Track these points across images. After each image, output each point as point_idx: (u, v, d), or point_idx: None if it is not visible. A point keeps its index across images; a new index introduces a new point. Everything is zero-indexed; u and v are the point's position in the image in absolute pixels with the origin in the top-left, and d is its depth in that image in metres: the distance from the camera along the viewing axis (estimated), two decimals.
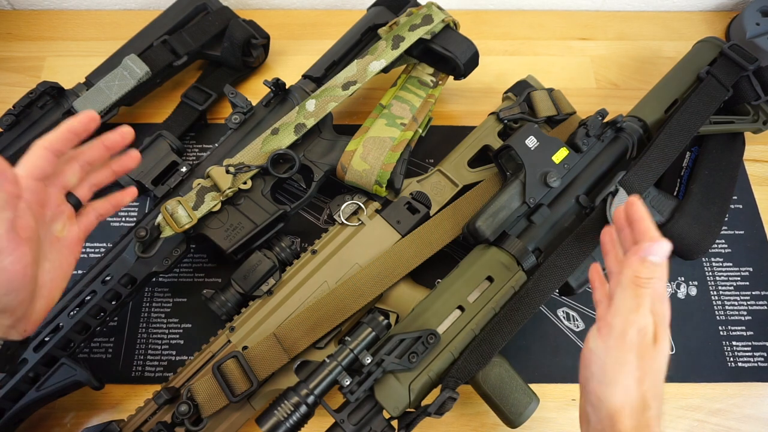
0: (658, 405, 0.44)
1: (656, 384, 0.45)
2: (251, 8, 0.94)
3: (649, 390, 0.44)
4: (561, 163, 0.64)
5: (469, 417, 0.65)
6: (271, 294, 0.64)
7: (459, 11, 0.91)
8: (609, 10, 0.95)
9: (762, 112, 0.74)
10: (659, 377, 0.45)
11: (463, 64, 0.71)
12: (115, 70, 0.73)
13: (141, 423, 0.58)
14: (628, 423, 0.43)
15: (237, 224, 0.65)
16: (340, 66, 0.75)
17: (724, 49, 0.72)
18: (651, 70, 0.86)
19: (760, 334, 0.70)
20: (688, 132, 0.67)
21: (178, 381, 0.61)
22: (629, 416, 0.43)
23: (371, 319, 0.57)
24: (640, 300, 0.45)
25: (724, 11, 0.94)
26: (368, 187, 0.68)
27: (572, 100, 0.75)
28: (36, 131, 0.71)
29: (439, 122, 0.81)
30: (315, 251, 0.66)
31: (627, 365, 0.44)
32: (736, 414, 0.65)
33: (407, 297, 0.64)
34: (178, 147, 0.72)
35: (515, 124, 0.74)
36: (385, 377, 0.56)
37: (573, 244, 0.62)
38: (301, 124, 0.68)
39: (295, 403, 0.54)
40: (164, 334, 0.69)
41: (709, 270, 0.73)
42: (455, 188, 0.71)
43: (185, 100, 0.80)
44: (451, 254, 0.71)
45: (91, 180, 0.54)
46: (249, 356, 0.59)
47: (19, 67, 0.87)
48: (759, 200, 0.77)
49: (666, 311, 0.47)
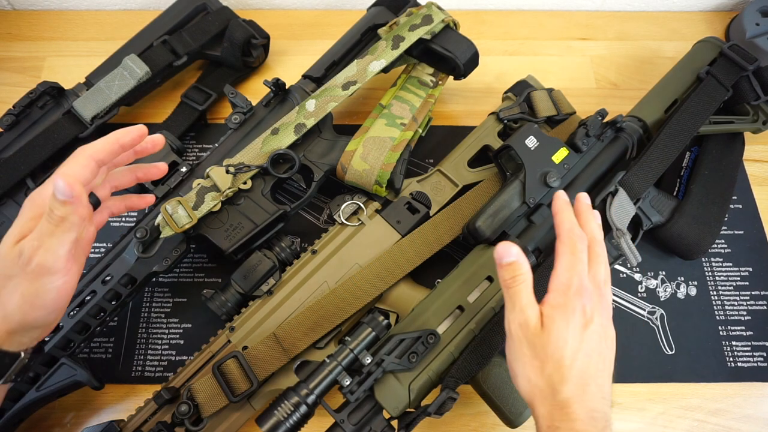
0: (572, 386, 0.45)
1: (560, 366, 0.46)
2: (251, 8, 0.94)
3: (555, 374, 0.46)
4: (561, 163, 0.64)
5: (469, 417, 0.65)
6: (271, 294, 0.64)
7: (459, 11, 0.91)
8: (609, 10, 0.95)
9: (762, 112, 0.74)
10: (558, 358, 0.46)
11: (463, 64, 0.71)
12: (115, 70, 0.73)
13: (141, 423, 0.58)
14: (541, 409, 0.46)
15: (237, 224, 0.65)
16: (340, 66, 0.75)
17: (724, 50, 0.72)
18: (651, 70, 0.86)
19: (760, 334, 0.70)
20: (688, 132, 0.67)
21: (178, 381, 0.61)
22: (540, 403, 0.46)
23: (371, 319, 0.57)
24: (512, 299, 0.48)
25: (724, 11, 0.94)
26: (368, 187, 0.68)
27: (572, 100, 0.75)
28: (36, 131, 0.71)
29: (439, 122, 0.81)
30: (315, 251, 0.66)
31: (522, 358, 0.47)
32: (736, 414, 0.65)
33: (407, 297, 0.64)
34: (178, 147, 0.72)
35: (515, 124, 0.74)
36: (385, 377, 0.56)
37: None
38: (301, 124, 0.68)
39: (295, 403, 0.54)
40: (164, 334, 0.69)
41: (709, 270, 0.73)
42: (455, 188, 0.71)
43: (185, 100, 0.80)
44: (451, 254, 0.71)
45: (113, 181, 0.54)
46: (249, 356, 0.59)
47: (19, 67, 0.87)
48: (759, 200, 0.77)
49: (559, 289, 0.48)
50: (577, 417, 0.44)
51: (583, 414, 0.45)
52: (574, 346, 0.46)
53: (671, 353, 0.68)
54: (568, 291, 0.47)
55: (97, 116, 0.72)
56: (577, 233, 0.49)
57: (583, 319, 0.47)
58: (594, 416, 0.45)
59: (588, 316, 0.47)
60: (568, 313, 0.47)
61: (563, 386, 0.45)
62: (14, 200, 0.69)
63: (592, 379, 0.46)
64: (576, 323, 0.47)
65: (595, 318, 0.47)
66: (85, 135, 0.72)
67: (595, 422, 0.45)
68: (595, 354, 0.47)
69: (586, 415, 0.45)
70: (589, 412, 0.45)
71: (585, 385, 0.46)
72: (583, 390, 0.46)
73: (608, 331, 0.49)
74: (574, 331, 0.47)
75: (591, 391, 0.46)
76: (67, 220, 0.44)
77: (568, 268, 0.48)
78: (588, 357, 0.47)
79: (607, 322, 0.49)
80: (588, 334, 0.47)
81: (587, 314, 0.47)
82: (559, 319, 0.47)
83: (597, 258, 0.50)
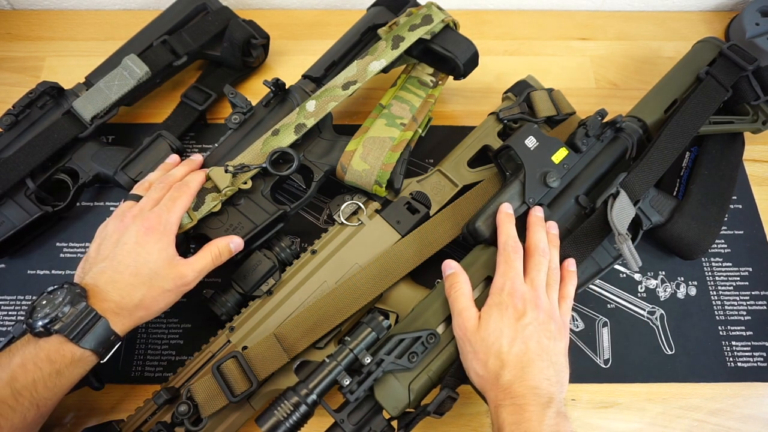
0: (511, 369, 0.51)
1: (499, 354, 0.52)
2: (251, 8, 0.94)
3: (495, 362, 0.52)
4: (560, 163, 0.64)
5: (469, 417, 0.65)
6: (271, 294, 0.64)
7: (459, 11, 0.91)
8: (609, 10, 0.95)
9: (761, 112, 0.74)
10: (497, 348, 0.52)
11: (462, 64, 0.71)
12: (114, 70, 0.73)
13: (141, 423, 0.58)
14: (490, 394, 0.52)
15: (237, 224, 0.65)
16: (340, 66, 0.75)
17: (724, 50, 0.72)
18: (651, 70, 0.86)
19: (760, 334, 0.70)
20: (688, 132, 0.67)
21: (178, 381, 0.61)
22: (489, 389, 0.53)
23: (371, 319, 0.57)
24: (453, 305, 0.57)
25: (724, 11, 0.94)
26: (368, 187, 0.68)
27: (572, 100, 0.75)
28: (36, 131, 0.71)
29: (439, 122, 0.81)
30: (315, 251, 0.66)
31: (467, 355, 0.54)
32: (735, 414, 0.65)
33: (407, 297, 0.64)
34: (178, 147, 0.72)
35: (515, 124, 0.74)
36: (384, 377, 0.56)
37: (572, 245, 0.62)
38: (301, 124, 0.68)
39: (295, 403, 0.54)
40: (164, 334, 0.69)
41: (709, 270, 0.73)
42: (455, 188, 0.71)
43: (185, 100, 0.80)
44: (451, 254, 0.70)
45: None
46: (249, 356, 0.59)
47: (19, 67, 0.87)
48: (759, 200, 0.77)
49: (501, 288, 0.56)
50: (518, 394, 0.50)
51: (524, 391, 0.50)
52: (509, 335, 0.53)
53: (671, 353, 0.68)
54: (501, 292, 0.55)
55: (96, 116, 0.72)
56: (511, 245, 0.58)
57: (515, 313, 0.54)
58: (536, 393, 0.50)
59: (520, 311, 0.54)
60: (501, 309, 0.54)
61: (503, 371, 0.52)
62: (14, 200, 0.69)
63: (531, 362, 0.52)
64: (509, 316, 0.53)
65: (528, 312, 0.54)
66: (85, 135, 0.71)
67: (538, 397, 0.50)
68: (533, 341, 0.53)
69: (527, 392, 0.50)
70: (530, 390, 0.50)
71: (524, 367, 0.51)
72: (523, 371, 0.51)
73: (547, 324, 0.54)
74: (508, 323, 0.53)
75: (531, 372, 0.51)
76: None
77: (502, 274, 0.56)
78: (524, 344, 0.52)
79: (543, 317, 0.54)
80: (522, 324, 0.53)
81: (519, 309, 0.54)
82: (493, 314, 0.54)
83: (536, 266, 0.57)
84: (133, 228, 0.57)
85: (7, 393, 0.49)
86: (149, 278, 0.55)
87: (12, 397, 0.49)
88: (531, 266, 0.57)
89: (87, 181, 0.72)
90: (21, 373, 0.50)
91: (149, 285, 0.55)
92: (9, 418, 0.49)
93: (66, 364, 0.51)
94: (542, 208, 0.62)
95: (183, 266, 0.57)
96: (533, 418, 0.49)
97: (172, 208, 0.59)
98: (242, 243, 0.62)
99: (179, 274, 0.57)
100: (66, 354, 0.51)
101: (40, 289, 0.70)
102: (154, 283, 0.55)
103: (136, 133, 0.81)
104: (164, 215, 0.58)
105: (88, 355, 0.53)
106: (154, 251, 0.56)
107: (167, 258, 0.56)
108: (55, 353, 0.51)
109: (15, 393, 0.49)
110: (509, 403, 0.50)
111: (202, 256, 0.59)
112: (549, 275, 0.58)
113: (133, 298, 0.54)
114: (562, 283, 0.59)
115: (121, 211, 0.60)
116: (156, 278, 0.55)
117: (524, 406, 0.50)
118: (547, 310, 0.55)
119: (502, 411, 0.50)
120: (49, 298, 0.53)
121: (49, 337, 0.51)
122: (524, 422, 0.49)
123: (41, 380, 0.50)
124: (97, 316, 0.52)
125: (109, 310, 0.53)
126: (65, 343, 0.51)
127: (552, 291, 0.57)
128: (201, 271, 0.59)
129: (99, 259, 0.57)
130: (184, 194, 0.61)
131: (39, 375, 0.50)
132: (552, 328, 0.54)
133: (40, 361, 0.50)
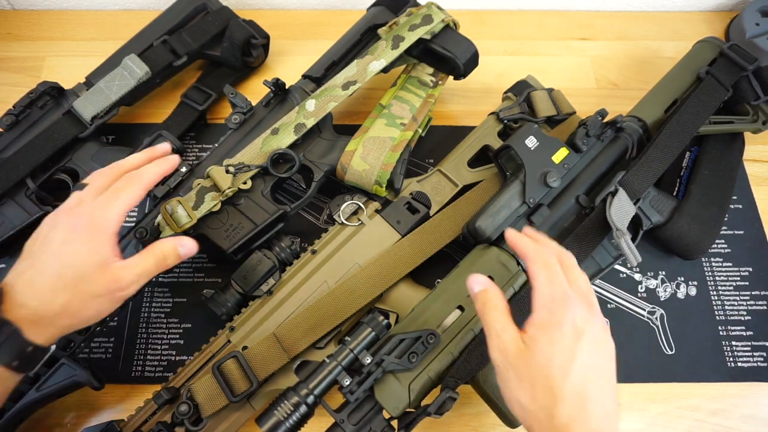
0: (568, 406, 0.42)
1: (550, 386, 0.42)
2: (251, 8, 0.94)
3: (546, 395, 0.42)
4: (561, 163, 0.64)
5: (469, 417, 0.65)
6: (271, 294, 0.64)
7: (459, 11, 0.91)
8: (609, 10, 0.95)
9: (761, 112, 0.74)
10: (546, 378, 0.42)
11: (462, 64, 0.71)
12: (115, 70, 0.73)
13: (141, 423, 0.58)
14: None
15: (237, 224, 0.65)
16: (340, 66, 0.75)
17: (724, 49, 0.72)
18: (651, 70, 0.86)
19: (760, 334, 0.70)
20: (688, 132, 0.67)
21: (178, 381, 0.61)
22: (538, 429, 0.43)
23: (371, 319, 0.57)
24: (488, 326, 0.47)
25: (724, 11, 0.94)
26: (368, 187, 0.68)
27: (572, 100, 0.75)
28: (36, 131, 0.71)
29: (439, 122, 0.81)
30: (315, 251, 0.66)
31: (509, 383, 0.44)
32: (736, 414, 0.65)
33: (407, 297, 0.64)
34: (178, 147, 0.71)
35: (515, 124, 0.74)
36: (384, 377, 0.56)
37: (573, 245, 0.62)
38: (301, 124, 0.68)
39: (295, 403, 0.54)
40: (164, 334, 0.69)
41: (709, 270, 0.73)
42: (455, 188, 0.71)
43: (185, 100, 0.80)
44: (451, 254, 0.71)
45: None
46: (249, 356, 0.59)
47: (19, 67, 0.87)
48: (759, 200, 0.77)
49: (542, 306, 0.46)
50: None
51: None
52: (563, 362, 0.43)
53: (671, 353, 0.68)
54: (552, 304, 0.45)
55: (96, 116, 0.72)
56: (543, 249, 0.48)
57: (573, 332, 0.43)
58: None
59: (579, 329, 0.44)
60: (554, 328, 0.44)
61: (558, 408, 0.42)
62: (14, 200, 0.69)
63: (591, 396, 0.42)
64: (565, 337, 0.43)
65: (587, 329, 0.44)
66: (85, 135, 0.71)
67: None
68: (592, 369, 0.43)
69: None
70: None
71: (583, 403, 0.42)
72: (583, 409, 0.42)
73: (604, 343, 0.45)
74: (562, 347, 0.43)
75: (592, 409, 0.42)
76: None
77: (546, 282, 0.45)
78: (583, 373, 0.43)
79: (601, 333, 0.45)
80: (581, 347, 0.43)
81: (578, 327, 0.44)
82: (543, 336, 0.44)
83: (571, 268, 0.48)
84: (62, 224, 0.49)
85: None
86: (74, 282, 0.48)
87: None
88: (566, 270, 0.48)
89: None
90: None
91: (74, 290, 0.48)
92: None
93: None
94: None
95: (118, 270, 0.50)
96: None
97: (110, 203, 0.51)
98: (194, 246, 0.55)
99: (113, 278, 0.49)
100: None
101: None
102: (81, 287, 0.48)
103: (136, 133, 0.81)
104: (98, 211, 0.50)
105: (2, 371, 0.46)
106: (83, 252, 0.48)
107: (99, 260, 0.49)
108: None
109: None
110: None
111: (144, 258, 0.52)
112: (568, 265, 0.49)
113: (53, 305, 0.47)
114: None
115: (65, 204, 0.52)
116: (83, 282, 0.48)
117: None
118: (601, 322, 0.46)
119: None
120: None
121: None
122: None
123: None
124: (9, 325, 0.45)
125: (25, 318, 0.46)
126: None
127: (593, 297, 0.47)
128: (140, 275, 0.51)
129: (23, 257, 0.50)
130: (130, 186, 0.52)
131: None
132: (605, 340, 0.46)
133: None
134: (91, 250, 0.49)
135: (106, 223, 0.50)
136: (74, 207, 0.51)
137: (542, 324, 0.44)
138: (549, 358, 0.43)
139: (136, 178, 0.54)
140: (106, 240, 0.50)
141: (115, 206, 0.51)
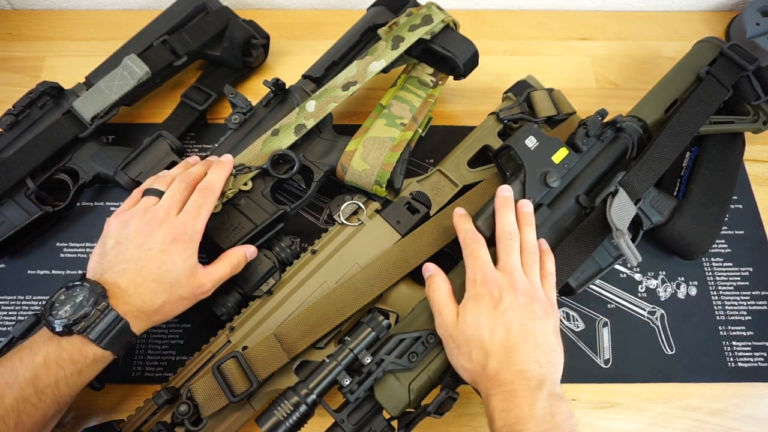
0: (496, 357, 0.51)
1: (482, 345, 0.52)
2: (251, 8, 0.94)
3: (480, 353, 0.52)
4: (561, 163, 0.64)
5: (469, 417, 0.65)
6: (271, 294, 0.64)
7: (459, 11, 0.91)
8: (609, 10, 0.95)
9: (762, 112, 0.74)
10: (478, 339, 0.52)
11: (462, 64, 0.71)
12: (115, 70, 0.73)
13: (141, 423, 0.58)
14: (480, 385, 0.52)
15: (237, 224, 0.65)
16: (340, 66, 0.75)
17: (724, 49, 0.72)
18: (651, 70, 0.86)
19: (760, 334, 0.70)
20: (688, 132, 0.67)
21: (178, 381, 0.61)
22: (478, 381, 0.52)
23: (371, 319, 0.57)
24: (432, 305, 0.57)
25: (724, 11, 0.94)
26: (368, 187, 0.68)
27: (572, 100, 0.75)
28: (36, 131, 0.71)
29: (439, 122, 0.81)
30: (315, 251, 0.66)
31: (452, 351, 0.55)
32: (736, 414, 0.65)
33: (407, 297, 0.64)
34: (178, 147, 0.72)
35: (515, 124, 0.74)
36: (384, 377, 0.56)
37: (573, 245, 0.62)
38: (301, 125, 0.68)
39: (295, 403, 0.54)
40: (164, 334, 0.69)
41: (709, 270, 0.73)
42: (455, 188, 0.71)
43: (185, 100, 0.80)
44: (451, 254, 0.70)
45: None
46: (249, 356, 0.59)
47: (19, 67, 0.87)
48: (759, 200, 0.77)
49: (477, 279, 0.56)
50: (505, 380, 0.50)
51: (512, 377, 0.50)
52: (489, 323, 0.52)
53: (671, 353, 0.68)
54: (474, 284, 0.55)
55: (96, 116, 0.72)
56: (470, 237, 0.58)
57: (491, 300, 0.53)
58: (525, 376, 0.50)
59: (496, 297, 0.53)
60: (477, 300, 0.54)
61: (488, 360, 0.51)
62: (14, 200, 0.69)
63: (515, 347, 0.51)
64: (485, 305, 0.53)
65: (505, 297, 0.53)
66: (85, 135, 0.71)
67: (527, 381, 0.49)
68: (515, 325, 0.52)
69: (515, 377, 0.50)
70: (518, 374, 0.50)
71: (509, 352, 0.51)
72: (508, 357, 0.51)
73: (529, 305, 0.53)
74: (486, 312, 0.53)
75: (517, 356, 0.51)
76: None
77: (470, 266, 0.57)
78: (506, 329, 0.52)
79: (524, 298, 0.54)
80: (500, 310, 0.53)
81: (495, 296, 0.53)
82: (469, 306, 0.54)
83: (505, 250, 0.57)
84: (159, 234, 0.56)
85: (30, 392, 0.49)
86: (170, 286, 0.55)
87: (35, 395, 0.49)
88: (500, 251, 0.57)
89: (87, 181, 0.72)
90: (44, 373, 0.50)
91: (170, 292, 0.55)
92: (32, 416, 0.50)
93: (87, 364, 0.52)
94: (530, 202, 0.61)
95: (202, 276, 0.58)
96: (523, 403, 0.48)
97: (197, 216, 0.58)
98: (256, 251, 0.63)
99: (198, 284, 0.57)
100: (88, 354, 0.52)
101: (41, 289, 0.71)
102: (175, 291, 0.56)
103: (136, 133, 0.81)
104: (190, 224, 0.57)
105: (108, 355, 0.53)
106: (179, 260, 0.56)
107: (190, 267, 0.56)
108: (78, 354, 0.51)
109: (38, 392, 0.50)
110: (498, 391, 0.50)
111: (221, 266, 0.59)
112: (526, 255, 0.57)
113: (153, 304, 0.55)
114: (541, 261, 0.58)
115: (143, 209, 0.57)
116: (176, 287, 0.56)
117: (513, 392, 0.49)
118: (526, 291, 0.54)
119: (491, 400, 0.50)
120: (68, 295, 0.52)
121: (70, 336, 0.51)
122: (514, 408, 0.48)
123: (63, 380, 0.50)
124: (119, 318, 0.52)
125: (130, 312, 0.53)
126: (87, 344, 0.51)
127: (531, 271, 0.56)
128: (219, 280, 0.59)
129: (121, 259, 0.55)
130: (208, 199, 0.59)
131: (62, 375, 0.50)
132: (536, 308, 0.54)
133: (62, 361, 0.50)
134: (185, 259, 0.56)
135: (195, 236, 0.57)
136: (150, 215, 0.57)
137: (468, 297, 0.55)
138: (477, 322, 0.53)
139: (210, 192, 0.60)
140: (195, 250, 0.57)
141: (201, 220, 0.58)
